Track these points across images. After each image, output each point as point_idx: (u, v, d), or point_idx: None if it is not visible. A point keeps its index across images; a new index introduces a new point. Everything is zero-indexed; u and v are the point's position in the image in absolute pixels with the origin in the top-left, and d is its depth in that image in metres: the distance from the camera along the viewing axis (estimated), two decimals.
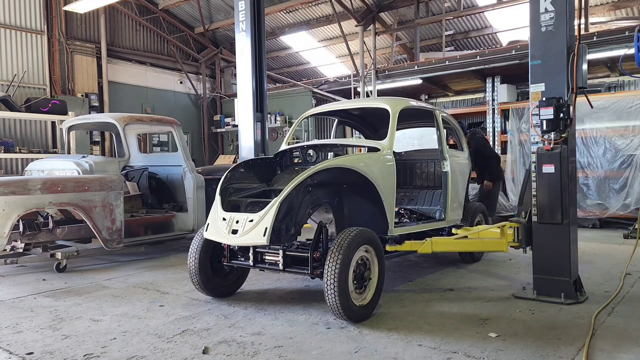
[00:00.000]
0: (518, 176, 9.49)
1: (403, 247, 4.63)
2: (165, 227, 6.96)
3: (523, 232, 4.59)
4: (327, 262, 3.72)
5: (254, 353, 3.29)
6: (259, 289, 4.97)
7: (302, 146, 5.22)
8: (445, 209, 5.48)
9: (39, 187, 5.41)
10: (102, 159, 6.84)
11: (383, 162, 4.62)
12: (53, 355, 3.30)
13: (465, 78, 10.91)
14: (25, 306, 4.48)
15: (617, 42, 8.38)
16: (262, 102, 7.40)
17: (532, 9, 4.43)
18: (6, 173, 10.03)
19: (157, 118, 7.40)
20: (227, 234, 4.07)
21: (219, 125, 15.11)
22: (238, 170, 4.76)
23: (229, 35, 15.02)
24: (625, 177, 8.27)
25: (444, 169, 5.44)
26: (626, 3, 11.23)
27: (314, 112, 6.00)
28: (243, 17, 7.36)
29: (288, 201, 3.92)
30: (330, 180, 4.29)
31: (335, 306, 3.72)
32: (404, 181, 6.47)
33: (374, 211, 4.60)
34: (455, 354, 3.22)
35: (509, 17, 12.37)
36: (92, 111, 11.64)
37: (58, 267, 5.84)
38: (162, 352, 3.34)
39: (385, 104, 5.11)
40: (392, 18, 13.28)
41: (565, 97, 4.26)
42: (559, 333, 3.57)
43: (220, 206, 4.30)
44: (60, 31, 11.56)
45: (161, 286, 5.16)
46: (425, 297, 4.58)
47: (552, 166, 4.28)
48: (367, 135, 6.81)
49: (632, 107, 8.27)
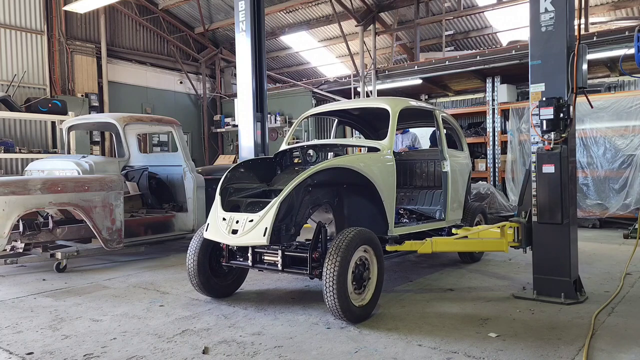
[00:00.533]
0: (518, 176, 9.49)
1: (403, 247, 4.63)
2: (165, 227, 6.96)
3: (523, 232, 4.58)
4: (326, 263, 3.71)
5: (254, 353, 3.29)
6: (259, 289, 4.97)
7: (302, 146, 5.22)
8: (445, 209, 5.49)
9: (39, 187, 5.41)
10: (102, 159, 6.84)
11: (383, 162, 4.63)
12: (53, 355, 3.30)
13: (465, 78, 10.91)
14: (25, 306, 4.48)
15: (617, 42, 8.38)
16: (262, 102, 7.40)
17: (532, 9, 4.43)
18: (6, 173, 10.03)
19: (157, 118, 7.40)
20: (227, 234, 4.07)
21: (219, 125, 15.11)
22: (238, 170, 4.76)
23: (229, 35, 15.02)
24: (625, 177, 8.27)
25: (444, 169, 5.45)
26: (626, 3, 11.23)
27: (314, 112, 6.00)
28: (243, 17, 7.36)
29: (288, 201, 3.93)
30: (330, 180, 4.29)
31: (334, 307, 3.71)
32: (404, 181, 6.47)
33: (374, 211, 4.61)
34: (455, 354, 3.22)
35: (509, 17, 12.37)
36: (92, 111, 11.64)
37: (58, 267, 5.84)
38: (162, 352, 3.34)
39: (385, 104, 5.11)
40: (392, 18, 13.28)
41: (565, 97, 4.26)
42: (559, 333, 3.57)
43: (220, 206, 4.30)
44: (60, 31, 11.56)
45: (161, 286, 5.17)
46: (425, 297, 4.58)
47: (552, 166, 4.28)
48: (367, 135, 6.81)
49: (632, 107, 8.28)
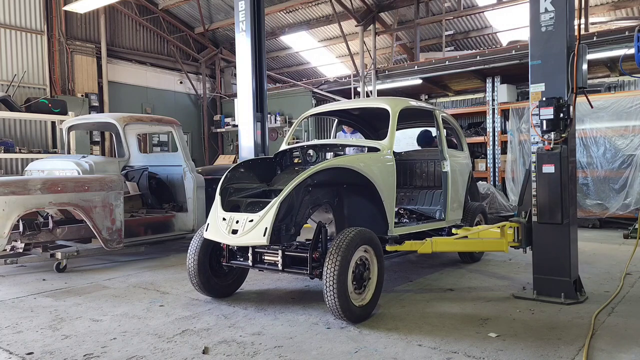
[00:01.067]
0: (518, 176, 9.50)
1: (403, 247, 4.62)
2: (165, 227, 6.96)
3: (523, 232, 4.58)
4: (326, 263, 3.71)
5: (254, 353, 3.29)
6: (259, 289, 4.97)
7: (302, 146, 5.22)
8: (445, 209, 5.49)
9: (39, 187, 5.41)
10: (102, 159, 6.84)
11: (383, 162, 4.62)
12: (53, 355, 3.30)
13: (465, 78, 10.91)
14: (25, 306, 4.48)
15: (617, 42, 8.38)
16: (262, 102, 7.40)
17: (532, 9, 4.43)
18: (6, 173, 10.03)
19: (157, 118, 7.40)
20: (227, 234, 4.07)
21: (219, 125, 15.11)
22: (238, 170, 4.76)
23: (229, 35, 15.02)
24: (625, 177, 8.27)
25: (444, 169, 5.44)
26: (626, 3, 11.23)
27: (314, 112, 6.00)
28: (243, 17, 7.36)
29: (288, 201, 3.92)
30: (330, 180, 4.29)
31: (334, 307, 3.71)
32: (404, 181, 6.47)
33: (374, 211, 4.60)
34: (455, 354, 3.22)
35: (509, 17, 12.36)
36: (92, 111, 11.64)
37: (58, 267, 5.84)
38: (162, 352, 3.34)
39: (385, 104, 5.11)
40: (392, 18, 13.27)
41: (565, 97, 4.26)
42: (559, 333, 3.57)
43: (220, 206, 4.30)
44: (60, 31, 11.55)
45: (161, 286, 5.17)
46: (425, 297, 4.58)
47: (552, 166, 4.28)
48: (367, 135, 6.81)
49: (632, 107, 8.28)
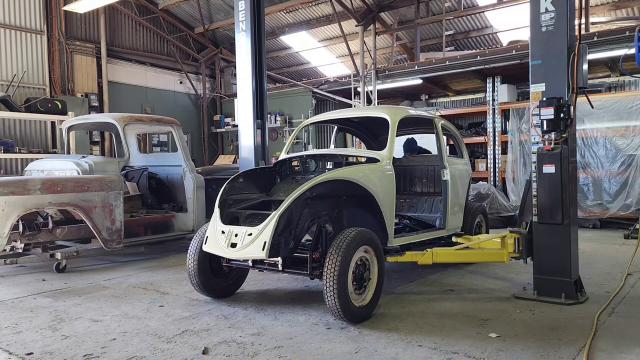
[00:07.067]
0: (518, 176, 9.49)
1: (404, 258, 4.64)
2: (165, 228, 6.95)
3: (524, 243, 4.58)
4: (327, 263, 3.70)
5: (254, 353, 3.28)
6: (259, 290, 4.96)
7: (301, 156, 5.21)
8: (445, 217, 5.44)
9: (39, 187, 5.40)
10: (101, 159, 6.83)
11: (382, 173, 4.58)
12: (53, 356, 3.30)
13: (465, 78, 10.91)
14: (25, 306, 4.47)
15: (618, 42, 8.38)
16: (262, 102, 7.38)
17: (533, 9, 4.43)
18: (6, 173, 10.03)
19: (157, 118, 7.39)
20: (226, 247, 4.04)
21: (218, 125, 15.11)
22: (237, 181, 4.74)
23: (229, 35, 15.02)
24: (625, 177, 8.27)
25: (444, 177, 5.39)
26: (626, 3, 11.23)
27: (314, 121, 5.95)
28: (243, 17, 7.35)
29: (287, 215, 3.90)
30: (329, 192, 4.25)
31: (334, 307, 3.71)
32: (404, 187, 6.39)
33: (373, 222, 4.56)
34: (455, 355, 3.21)
35: (509, 17, 12.37)
36: (92, 111, 11.64)
37: (58, 267, 5.83)
38: (162, 352, 3.33)
39: (385, 114, 5.07)
40: (392, 18, 13.27)
41: (565, 97, 4.26)
42: (560, 333, 3.56)
43: (219, 219, 4.27)
44: (60, 31, 11.55)
45: (161, 286, 5.16)
46: (426, 298, 4.57)
47: (552, 166, 4.27)
48: (367, 142, 6.79)
49: (632, 107, 8.27)
